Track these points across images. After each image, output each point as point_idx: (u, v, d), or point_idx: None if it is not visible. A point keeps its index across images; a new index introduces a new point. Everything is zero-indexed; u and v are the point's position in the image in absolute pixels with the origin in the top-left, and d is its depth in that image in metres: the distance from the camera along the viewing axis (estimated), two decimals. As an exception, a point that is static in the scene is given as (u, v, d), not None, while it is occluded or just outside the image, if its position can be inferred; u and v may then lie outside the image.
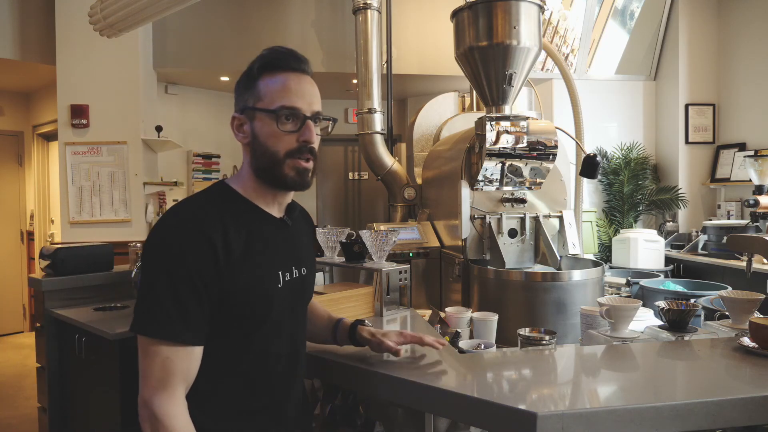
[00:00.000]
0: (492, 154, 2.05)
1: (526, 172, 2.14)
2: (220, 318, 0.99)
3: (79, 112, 4.02)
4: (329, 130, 1.16)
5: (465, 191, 2.17)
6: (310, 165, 1.08)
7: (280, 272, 1.07)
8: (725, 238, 2.65)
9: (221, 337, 1.01)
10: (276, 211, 1.12)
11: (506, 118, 2.05)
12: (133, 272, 2.52)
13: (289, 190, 1.11)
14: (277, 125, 1.04)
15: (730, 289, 2.30)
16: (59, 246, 2.63)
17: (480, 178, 2.12)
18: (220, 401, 1.02)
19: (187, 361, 0.95)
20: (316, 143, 1.08)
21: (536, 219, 2.25)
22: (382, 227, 2.46)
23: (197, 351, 0.97)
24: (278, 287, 1.06)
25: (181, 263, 0.95)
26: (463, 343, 1.57)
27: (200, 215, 1.00)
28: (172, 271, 0.95)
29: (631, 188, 4.95)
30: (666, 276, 3.48)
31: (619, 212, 5.00)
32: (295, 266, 1.12)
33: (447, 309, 1.86)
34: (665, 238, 4.45)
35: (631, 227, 4.82)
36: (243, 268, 1.00)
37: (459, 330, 1.71)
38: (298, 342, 1.16)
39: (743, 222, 3.97)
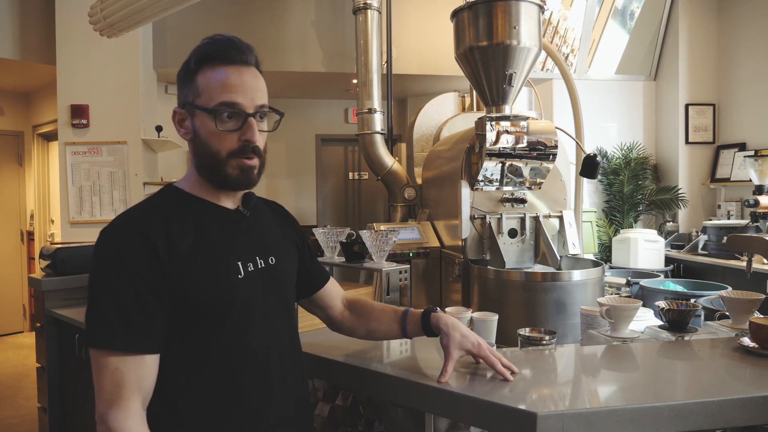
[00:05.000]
0: (492, 154, 2.05)
1: (526, 172, 2.14)
2: (180, 320, 0.96)
3: (79, 112, 4.02)
4: (277, 125, 1.11)
5: (465, 191, 2.17)
6: (255, 162, 1.02)
7: (239, 263, 1.03)
8: (725, 238, 2.65)
9: (186, 340, 0.97)
10: (230, 204, 1.08)
11: (506, 118, 2.05)
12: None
13: (233, 190, 1.06)
14: (215, 125, 0.99)
15: (730, 289, 2.30)
16: (59, 246, 2.62)
17: (480, 178, 2.12)
18: (195, 407, 0.97)
19: (138, 370, 0.91)
20: (260, 142, 1.02)
21: (536, 219, 2.25)
22: (382, 227, 2.46)
23: (149, 359, 0.92)
24: (238, 278, 1.01)
25: (121, 268, 0.92)
26: (463, 343, 1.57)
27: (138, 217, 0.98)
28: (112, 277, 0.92)
29: (631, 188, 4.95)
30: (666, 276, 3.48)
31: (619, 212, 5.00)
32: (260, 256, 1.07)
33: (447, 309, 1.85)
34: (665, 238, 4.45)
35: (631, 227, 4.82)
36: (194, 262, 0.97)
37: (459, 330, 1.70)
38: (280, 336, 1.09)
39: (743, 222, 3.97)
